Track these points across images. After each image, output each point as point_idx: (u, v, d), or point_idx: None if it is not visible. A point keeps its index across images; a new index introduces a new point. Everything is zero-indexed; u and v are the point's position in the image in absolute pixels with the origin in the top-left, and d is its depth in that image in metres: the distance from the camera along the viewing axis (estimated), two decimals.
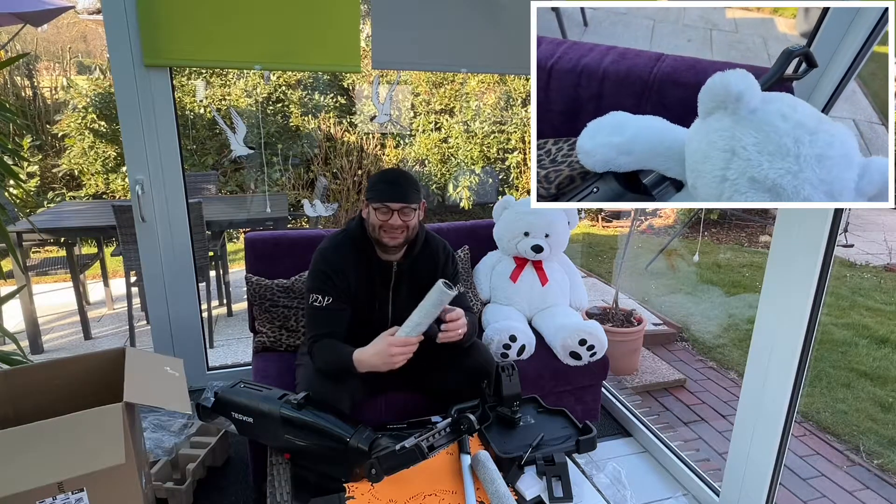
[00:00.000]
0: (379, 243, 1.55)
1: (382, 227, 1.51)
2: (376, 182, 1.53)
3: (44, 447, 1.12)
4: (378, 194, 1.50)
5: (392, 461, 1.23)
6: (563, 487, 1.31)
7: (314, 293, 1.55)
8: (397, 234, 1.52)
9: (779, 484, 1.59)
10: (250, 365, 1.93)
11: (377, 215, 1.50)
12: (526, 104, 5.40)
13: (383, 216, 1.50)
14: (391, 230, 1.51)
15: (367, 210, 1.54)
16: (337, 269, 1.55)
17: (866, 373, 2.90)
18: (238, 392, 1.42)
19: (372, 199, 1.51)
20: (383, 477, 1.25)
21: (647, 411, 2.49)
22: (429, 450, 1.27)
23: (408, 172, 1.58)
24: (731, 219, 5.45)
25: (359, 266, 1.58)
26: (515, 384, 1.51)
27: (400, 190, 1.50)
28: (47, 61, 6.31)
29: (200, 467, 1.79)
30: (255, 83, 4.98)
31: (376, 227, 1.52)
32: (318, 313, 1.55)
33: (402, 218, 1.50)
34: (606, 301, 3.08)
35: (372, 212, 1.52)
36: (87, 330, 3.10)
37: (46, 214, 3.32)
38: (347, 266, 1.57)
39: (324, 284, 1.55)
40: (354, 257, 1.58)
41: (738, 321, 3.61)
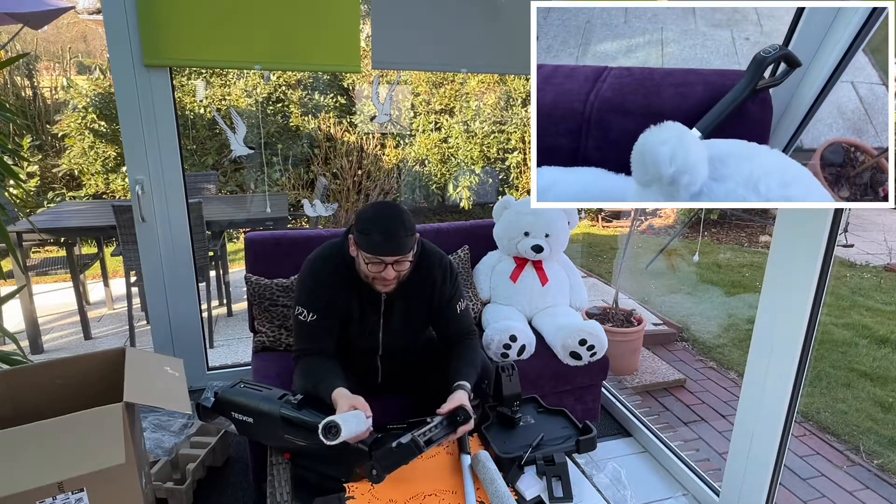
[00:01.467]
0: (369, 285, 1.45)
1: (375, 279, 1.40)
2: (369, 228, 1.35)
3: (44, 447, 1.12)
4: (372, 247, 1.35)
5: (390, 459, 1.23)
6: (563, 487, 1.31)
7: (300, 306, 1.48)
8: (389, 283, 1.42)
9: (779, 484, 1.59)
10: (250, 365, 1.93)
11: (370, 267, 1.38)
12: (526, 104, 5.39)
13: (375, 268, 1.37)
14: (385, 281, 1.40)
15: (357, 252, 1.41)
16: (325, 285, 1.47)
17: (866, 373, 2.90)
18: (238, 392, 1.41)
19: (366, 250, 1.36)
20: (384, 476, 1.25)
21: (647, 411, 2.49)
22: (426, 444, 1.26)
23: (402, 212, 1.39)
24: (731, 219, 5.45)
25: (349, 286, 1.49)
26: (515, 384, 1.51)
27: (395, 243, 1.35)
28: (47, 61, 6.30)
29: (200, 467, 1.79)
30: (255, 83, 4.98)
31: (368, 276, 1.41)
32: (302, 327, 1.48)
33: (397, 268, 1.39)
34: (606, 301, 3.08)
35: (361, 259, 1.39)
36: (87, 330, 3.10)
37: (46, 214, 3.31)
38: (336, 283, 1.48)
39: (309, 299, 1.47)
40: (345, 275, 1.48)
41: (738, 321, 3.61)
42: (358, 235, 1.38)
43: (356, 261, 1.44)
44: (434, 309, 1.58)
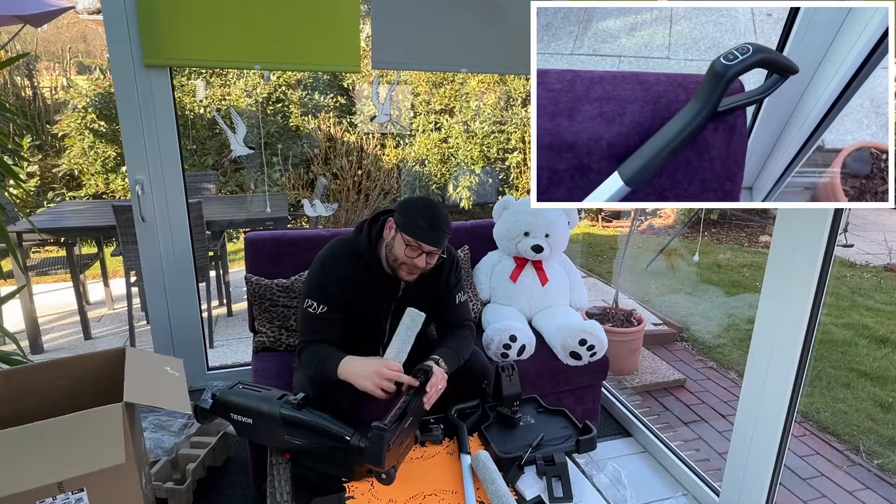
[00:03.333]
0: (394, 271, 1.51)
1: (405, 264, 1.46)
2: (418, 216, 1.43)
3: (44, 447, 1.12)
4: (417, 232, 1.42)
5: (371, 456, 1.22)
6: (563, 487, 1.31)
7: (310, 299, 1.51)
8: (415, 272, 1.48)
9: (779, 484, 1.59)
10: (250, 365, 1.93)
11: (406, 251, 1.44)
12: (526, 104, 5.39)
13: (412, 253, 1.44)
14: (413, 269, 1.47)
15: (394, 236, 1.47)
16: (336, 280, 1.51)
17: (866, 373, 2.90)
18: (236, 393, 1.41)
19: (406, 231, 1.43)
20: (383, 468, 1.24)
21: (647, 411, 2.49)
22: (400, 418, 1.27)
23: (446, 213, 1.49)
24: (731, 219, 5.45)
25: (361, 280, 1.54)
26: (515, 384, 1.51)
27: (439, 235, 1.44)
28: (47, 61, 6.30)
29: (200, 467, 1.79)
30: (255, 83, 4.98)
31: (399, 260, 1.47)
32: (310, 320, 1.52)
33: (428, 261, 1.47)
34: (606, 301, 3.08)
35: (400, 242, 1.45)
36: (87, 330, 3.10)
37: (46, 214, 3.31)
38: (348, 278, 1.52)
39: (320, 293, 1.51)
40: (358, 270, 1.53)
41: (738, 321, 3.61)
42: (402, 220, 1.45)
43: (388, 244, 1.49)
44: (437, 296, 1.63)
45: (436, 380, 1.39)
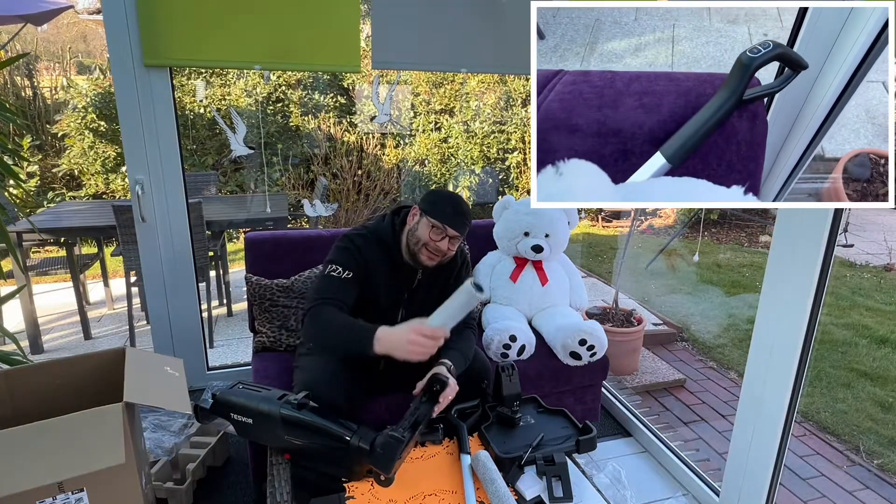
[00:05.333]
0: (414, 256, 1.54)
1: (427, 246, 1.50)
2: (443, 201, 1.52)
3: (44, 447, 1.12)
4: (443, 216, 1.49)
5: (380, 460, 1.22)
6: (563, 487, 1.31)
7: (335, 264, 1.52)
8: (435, 257, 1.52)
9: (779, 484, 1.59)
10: (250, 365, 1.93)
11: (430, 232, 1.49)
12: (526, 104, 5.39)
13: (436, 235, 1.49)
14: (434, 251, 1.51)
15: (418, 220, 1.53)
16: (362, 255, 1.55)
17: (866, 373, 2.90)
18: (236, 393, 1.41)
19: (432, 215, 1.49)
20: (391, 476, 1.25)
21: (647, 411, 2.49)
22: (413, 427, 1.28)
23: (467, 204, 1.57)
24: (731, 219, 5.45)
25: (382, 263, 1.58)
26: (515, 384, 1.51)
27: (463, 220, 1.51)
28: (47, 61, 6.30)
29: (200, 467, 1.79)
30: (255, 83, 4.98)
31: (421, 241, 1.51)
32: (333, 281, 1.50)
33: (450, 245, 1.51)
34: (606, 301, 3.08)
35: (425, 225, 1.50)
36: (87, 330, 3.10)
37: (46, 214, 3.32)
38: (372, 258, 1.56)
39: (348, 261, 1.53)
40: (380, 254, 1.57)
41: (738, 321, 3.61)
42: (428, 206, 1.51)
43: (411, 230, 1.54)
44: (447, 290, 1.62)
45: (449, 391, 1.41)
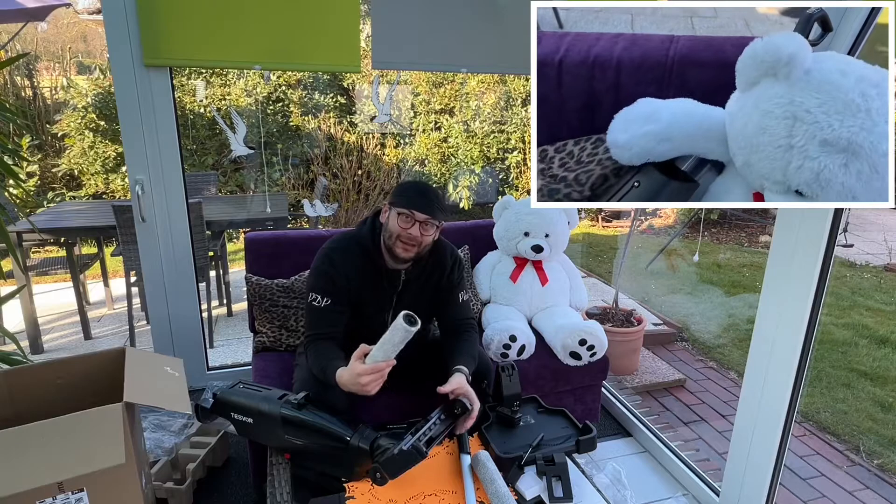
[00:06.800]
0: (391, 252, 1.52)
1: (400, 237, 1.48)
2: (407, 189, 1.51)
3: (44, 447, 1.12)
4: (407, 201, 1.47)
5: (393, 465, 1.23)
6: (563, 487, 1.31)
7: (314, 293, 1.53)
8: (410, 248, 1.49)
9: (779, 484, 1.59)
10: (250, 365, 1.93)
11: (399, 221, 1.47)
12: (526, 104, 5.39)
13: (405, 223, 1.47)
14: (408, 240, 1.48)
15: (388, 214, 1.52)
16: (340, 272, 1.53)
17: (866, 373, 2.90)
18: (237, 392, 1.41)
19: (397, 204, 1.48)
20: (388, 480, 1.25)
21: (647, 411, 2.49)
22: (428, 443, 1.28)
23: (438, 190, 1.55)
24: (731, 219, 5.45)
25: (364, 271, 1.56)
26: (515, 384, 1.51)
27: (429, 202, 1.48)
28: (47, 61, 6.30)
29: (200, 467, 1.79)
30: (255, 83, 4.98)
31: (394, 234, 1.48)
32: (316, 313, 1.53)
33: (422, 231, 1.48)
34: (606, 301, 3.08)
35: (394, 216, 1.49)
36: (87, 330, 3.10)
37: (46, 214, 3.31)
38: (352, 270, 1.54)
39: (325, 285, 1.53)
40: (361, 262, 1.55)
41: (738, 321, 3.61)
42: (394, 197, 1.51)
43: (385, 227, 1.53)
44: (440, 293, 1.65)
45: (469, 421, 1.41)
